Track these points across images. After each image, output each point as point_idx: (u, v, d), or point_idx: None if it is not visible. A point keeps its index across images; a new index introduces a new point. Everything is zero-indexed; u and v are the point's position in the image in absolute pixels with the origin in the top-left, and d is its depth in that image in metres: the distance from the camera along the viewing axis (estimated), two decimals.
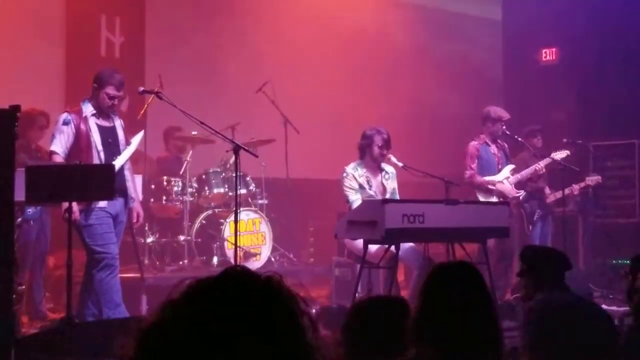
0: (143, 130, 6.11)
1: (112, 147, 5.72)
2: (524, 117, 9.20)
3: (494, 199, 7.34)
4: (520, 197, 7.85)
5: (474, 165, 7.46)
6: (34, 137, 6.71)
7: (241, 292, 1.11)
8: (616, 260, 8.25)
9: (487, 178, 7.42)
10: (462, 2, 11.28)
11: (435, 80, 10.45)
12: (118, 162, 5.61)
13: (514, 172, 7.59)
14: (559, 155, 7.70)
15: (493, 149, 7.60)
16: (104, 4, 8.67)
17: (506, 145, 7.75)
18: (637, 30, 9.35)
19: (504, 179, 7.51)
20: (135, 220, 5.91)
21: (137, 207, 5.93)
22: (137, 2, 8.94)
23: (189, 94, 7.68)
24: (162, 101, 5.81)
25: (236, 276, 1.14)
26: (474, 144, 7.54)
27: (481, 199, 7.32)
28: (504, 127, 7.56)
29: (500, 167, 7.59)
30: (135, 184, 6.06)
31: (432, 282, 2.49)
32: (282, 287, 1.14)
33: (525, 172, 7.61)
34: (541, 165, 7.64)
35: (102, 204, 5.53)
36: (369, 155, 6.49)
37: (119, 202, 5.67)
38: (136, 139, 5.89)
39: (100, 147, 5.64)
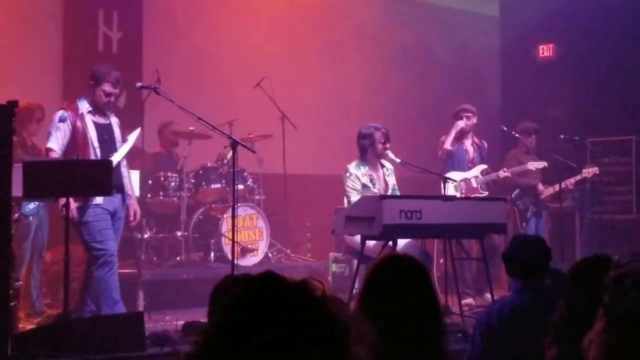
0: (140, 127, 6.10)
1: (108, 144, 5.71)
2: (521, 113, 9.21)
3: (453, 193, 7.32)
4: (513, 195, 7.86)
5: (441, 152, 7.56)
6: (32, 130, 6.71)
7: (300, 298, 1.18)
8: (613, 256, 8.25)
9: (453, 174, 7.35)
10: None
11: (432, 76, 10.46)
12: (115, 159, 5.61)
13: (486, 172, 7.59)
14: (536, 165, 7.70)
15: (466, 145, 7.62)
16: None
17: (485, 146, 7.74)
18: (633, 27, 9.35)
19: (472, 177, 7.53)
20: (132, 218, 5.90)
21: (133, 204, 5.92)
22: None
23: (186, 90, 7.67)
24: (160, 96, 5.81)
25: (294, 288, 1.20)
26: (447, 136, 7.59)
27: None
28: (469, 131, 7.58)
29: (470, 165, 7.60)
30: (131, 181, 6.05)
31: (373, 274, 2.45)
32: (325, 293, 1.21)
33: (490, 177, 7.57)
34: (506, 174, 7.59)
35: (99, 200, 5.52)
36: (372, 152, 6.47)
37: (116, 198, 5.66)
38: (133, 136, 5.88)
39: (96, 144, 5.62)
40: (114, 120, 5.84)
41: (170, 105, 5.68)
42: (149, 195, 7.67)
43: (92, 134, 5.62)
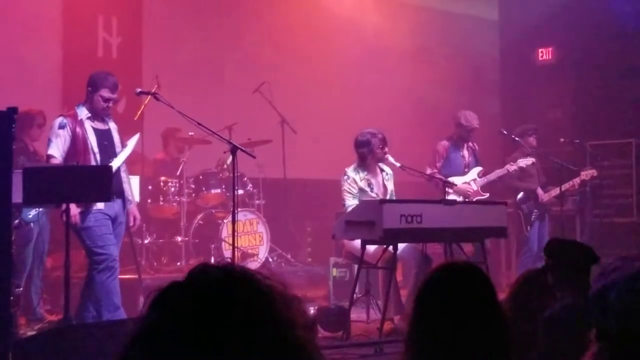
0: (139, 133, 6.09)
1: (108, 149, 5.70)
2: (521, 116, 9.22)
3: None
4: (517, 198, 7.86)
5: (438, 165, 7.55)
6: (33, 136, 6.72)
7: (219, 291, 1.09)
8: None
9: (452, 179, 7.37)
10: (459, 2, 11.28)
11: (432, 80, 10.47)
12: (115, 164, 5.60)
13: (482, 174, 7.62)
14: (526, 162, 7.70)
15: (463, 151, 7.66)
16: (100, 4, 8.66)
17: (477, 148, 7.78)
18: (632, 29, 9.36)
19: (471, 180, 7.56)
20: (132, 224, 5.89)
21: (133, 209, 5.91)
22: (134, 3, 8.92)
23: (186, 95, 7.67)
24: (159, 102, 5.80)
25: (209, 276, 1.13)
26: (444, 143, 7.63)
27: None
28: (471, 135, 7.59)
29: (466, 169, 7.63)
30: (131, 187, 6.05)
31: (430, 285, 2.14)
32: (254, 281, 1.12)
33: (494, 174, 7.61)
34: (514, 167, 7.62)
35: (100, 205, 5.52)
36: (372, 158, 6.48)
37: (117, 203, 5.66)
38: (132, 141, 5.86)
39: (96, 150, 5.61)
40: (113, 126, 5.84)
41: (170, 111, 5.68)
42: (149, 201, 7.67)
43: (92, 139, 5.62)
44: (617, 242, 8.49)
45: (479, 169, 7.66)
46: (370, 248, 5.90)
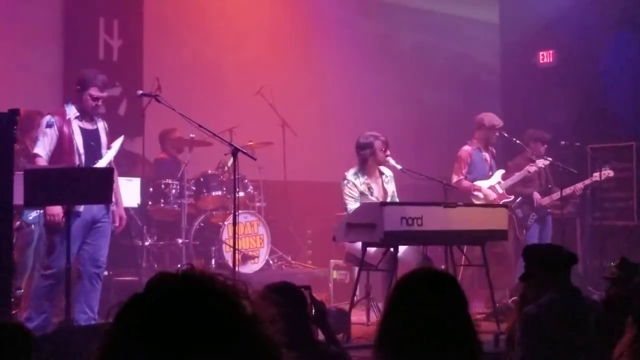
0: (123, 136, 5.95)
1: (94, 150, 5.62)
2: (522, 119, 9.21)
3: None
4: (513, 204, 7.86)
5: (464, 171, 7.50)
6: (34, 138, 6.71)
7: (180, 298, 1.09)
8: (614, 262, 8.23)
9: (478, 183, 7.43)
10: (459, 5, 11.29)
11: (433, 83, 10.47)
12: (99, 166, 5.54)
13: (505, 176, 7.62)
14: (544, 162, 7.72)
15: (485, 154, 7.65)
16: (102, 6, 8.67)
17: (494, 151, 7.78)
18: (633, 33, 9.36)
19: (496, 183, 7.55)
20: (117, 224, 5.80)
21: (118, 210, 5.80)
22: (135, 5, 8.93)
23: (187, 97, 7.68)
24: (160, 104, 5.80)
25: (170, 283, 1.13)
26: (467, 149, 7.56)
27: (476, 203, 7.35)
28: (497, 135, 7.60)
29: (491, 172, 7.63)
30: (119, 188, 5.97)
31: (399, 290, 2.21)
32: (213, 282, 1.12)
33: (516, 176, 7.63)
34: (534, 168, 7.65)
35: (80, 208, 5.44)
36: (373, 161, 6.48)
37: (95, 206, 5.55)
38: (116, 144, 5.77)
39: (82, 151, 5.54)
40: (101, 126, 5.76)
41: (171, 113, 5.68)
42: (150, 203, 7.67)
43: (79, 140, 5.55)
44: (618, 246, 8.48)
45: (502, 171, 7.64)
46: (371, 250, 5.90)
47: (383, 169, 6.62)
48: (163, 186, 7.72)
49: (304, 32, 9.80)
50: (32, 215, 5.86)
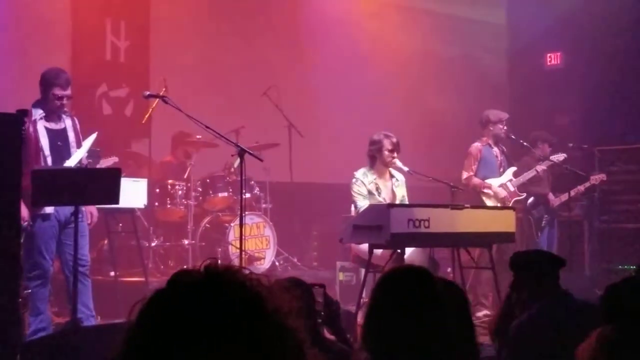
0: (96, 132, 5.83)
1: (61, 150, 5.55)
2: (529, 121, 9.19)
3: (491, 202, 7.33)
4: (528, 203, 7.82)
5: (474, 167, 7.45)
6: None
7: (216, 297, 1.09)
8: (622, 265, 8.22)
9: (490, 180, 7.40)
10: (466, 6, 11.27)
11: (439, 85, 10.45)
12: (68, 165, 5.46)
13: (516, 174, 7.59)
14: (558, 157, 7.72)
15: (495, 151, 7.60)
16: (109, 8, 8.68)
17: (505, 148, 7.75)
18: None
19: (507, 181, 7.51)
20: (89, 222, 5.73)
21: (90, 207, 5.71)
22: (142, 6, 8.94)
23: (193, 98, 7.68)
24: (167, 105, 5.80)
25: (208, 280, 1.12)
26: (477, 145, 7.53)
27: (486, 201, 7.32)
28: (505, 128, 7.56)
29: (501, 169, 7.59)
30: None
31: (379, 288, 2.22)
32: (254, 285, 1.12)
33: (527, 174, 7.60)
34: (542, 167, 7.64)
35: (50, 209, 5.40)
36: (380, 160, 6.47)
37: (68, 207, 5.44)
38: (88, 142, 5.69)
39: (47, 153, 5.46)
40: (69, 124, 5.67)
41: (178, 114, 5.68)
42: (156, 204, 7.67)
43: (44, 141, 5.46)
44: (625, 249, 8.45)
45: (513, 169, 7.59)
46: (378, 252, 5.89)
47: (395, 172, 6.60)
48: (169, 187, 7.72)
49: (310, 34, 9.80)
50: None
